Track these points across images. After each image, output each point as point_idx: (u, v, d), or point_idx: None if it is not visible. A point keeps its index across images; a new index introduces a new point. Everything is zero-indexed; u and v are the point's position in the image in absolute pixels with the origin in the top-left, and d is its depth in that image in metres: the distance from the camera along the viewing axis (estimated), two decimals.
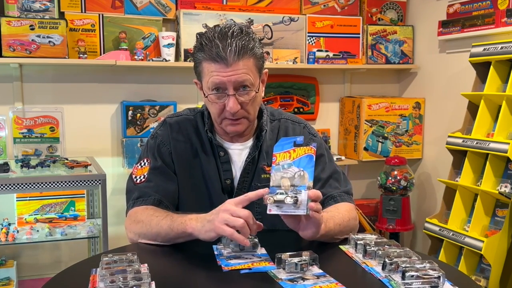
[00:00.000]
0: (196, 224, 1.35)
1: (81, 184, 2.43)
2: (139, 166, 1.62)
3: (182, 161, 1.61)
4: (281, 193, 1.27)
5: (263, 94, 1.61)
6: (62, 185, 2.40)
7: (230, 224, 1.27)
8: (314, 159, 1.30)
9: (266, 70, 1.59)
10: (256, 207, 1.61)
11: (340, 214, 1.48)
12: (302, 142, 1.34)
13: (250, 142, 1.63)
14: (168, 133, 1.62)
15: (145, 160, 1.62)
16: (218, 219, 1.29)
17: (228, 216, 1.27)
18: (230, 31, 1.45)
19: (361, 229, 3.17)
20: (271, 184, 1.30)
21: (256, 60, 1.50)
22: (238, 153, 1.62)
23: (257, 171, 1.61)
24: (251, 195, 1.32)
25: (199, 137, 1.63)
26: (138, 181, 1.59)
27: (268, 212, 1.28)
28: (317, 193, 1.29)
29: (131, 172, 1.64)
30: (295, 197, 1.25)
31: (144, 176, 1.58)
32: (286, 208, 1.26)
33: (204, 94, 1.53)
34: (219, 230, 1.28)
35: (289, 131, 1.66)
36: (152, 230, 1.43)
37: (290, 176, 1.29)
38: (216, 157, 1.60)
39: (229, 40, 1.43)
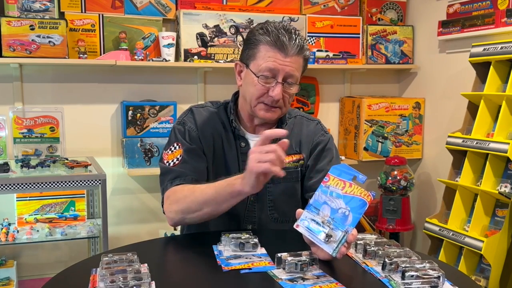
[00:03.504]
0: (242, 181, 1.37)
1: (81, 184, 2.43)
2: (169, 152, 1.64)
3: (208, 149, 1.65)
4: (316, 223, 1.24)
5: None
6: (62, 185, 2.40)
7: (263, 160, 1.30)
8: (366, 209, 1.23)
9: None
10: (269, 195, 1.64)
11: None
12: (363, 181, 1.26)
13: None
14: (194, 120, 1.67)
15: (176, 145, 1.64)
16: (251, 162, 1.32)
17: (259, 156, 1.30)
18: (292, 28, 1.57)
19: (361, 229, 3.17)
20: (311, 200, 1.28)
21: (304, 62, 1.60)
22: None
23: None
24: (267, 132, 1.34)
25: (222, 128, 1.67)
26: (172, 165, 1.61)
27: (295, 226, 1.27)
28: (355, 237, 1.27)
29: (161, 158, 1.66)
30: (330, 235, 1.21)
31: (178, 158, 1.61)
32: (315, 237, 1.23)
33: (255, 74, 1.55)
34: (255, 169, 1.30)
35: (304, 127, 1.72)
36: (197, 200, 1.47)
37: (333, 207, 1.24)
38: (237, 148, 1.65)
39: (293, 35, 1.54)
